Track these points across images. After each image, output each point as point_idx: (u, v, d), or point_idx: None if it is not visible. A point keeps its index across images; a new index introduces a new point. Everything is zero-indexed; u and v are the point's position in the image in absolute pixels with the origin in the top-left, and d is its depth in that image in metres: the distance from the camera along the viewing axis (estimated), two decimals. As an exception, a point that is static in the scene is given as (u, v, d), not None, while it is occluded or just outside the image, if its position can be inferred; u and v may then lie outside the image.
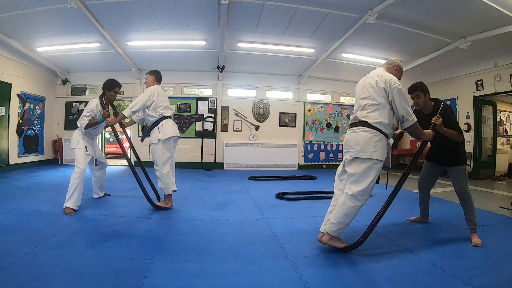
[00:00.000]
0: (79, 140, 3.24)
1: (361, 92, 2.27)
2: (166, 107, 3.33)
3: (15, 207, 3.14)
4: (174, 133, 3.29)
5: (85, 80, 7.81)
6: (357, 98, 2.31)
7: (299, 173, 6.99)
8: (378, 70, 2.30)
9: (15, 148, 6.31)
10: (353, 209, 2.10)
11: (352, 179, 2.13)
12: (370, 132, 2.10)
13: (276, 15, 4.96)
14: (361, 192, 2.08)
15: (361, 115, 2.18)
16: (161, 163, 3.23)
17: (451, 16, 4.70)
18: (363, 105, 2.20)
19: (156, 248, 2.20)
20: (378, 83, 2.15)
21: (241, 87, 8.15)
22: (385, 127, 2.12)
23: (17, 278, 1.66)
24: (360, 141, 2.11)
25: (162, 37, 5.88)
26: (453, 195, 3.11)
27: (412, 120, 2.13)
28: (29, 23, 5.17)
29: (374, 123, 2.11)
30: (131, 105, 3.19)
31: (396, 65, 2.37)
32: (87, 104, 3.32)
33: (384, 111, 2.12)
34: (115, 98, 3.48)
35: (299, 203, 3.87)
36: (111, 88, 3.39)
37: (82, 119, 3.20)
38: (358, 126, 2.18)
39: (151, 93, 3.26)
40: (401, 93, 2.11)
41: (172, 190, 3.30)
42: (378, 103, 2.13)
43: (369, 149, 2.08)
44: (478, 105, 6.57)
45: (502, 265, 2.03)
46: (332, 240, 2.17)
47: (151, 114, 3.28)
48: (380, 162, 2.11)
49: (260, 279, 1.78)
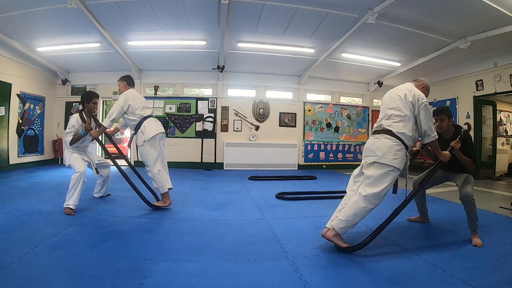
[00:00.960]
0: (70, 154, 3.29)
1: (388, 102, 2.37)
2: (144, 107, 3.36)
3: (15, 207, 3.14)
4: (158, 130, 3.31)
5: (85, 80, 7.81)
6: (383, 107, 2.41)
7: (299, 173, 6.99)
8: (407, 84, 2.41)
9: (15, 148, 6.31)
10: (363, 210, 2.15)
11: (368, 181, 2.20)
12: (393, 140, 2.20)
13: (276, 15, 4.96)
14: (374, 195, 2.14)
15: (386, 124, 2.28)
16: (152, 163, 3.24)
17: (451, 16, 4.70)
18: (389, 115, 2.30)
19: (156, 248, 2.20)
20: (407, 96, 2.25)
21: (241, 87, 8.15)
22: (407, 139, 2.21)
23: (17, 278, 1.66)
24: (382, 147, 2.20)
25: (162, 37, 5.88)
26: (453, 195, 3.11)
27: (433, 137, 2.25)
28: (29, 23, 5.17)
29: (398, 133, 2.20)
30: (108, 114, 3.25)
31: (423, 84, 2.48)
32: (69, 120, 3.35)
33: (409, 124, 2.22)
34: (95, 109, 3.51)
35: (299, 203, 3.87)
36: (89, 100, 3.40)
37: (66, 136, 3.27)
38: (382, 133, 2.26)
39: (125, 98, 3.28)
40: (427, 109, 2.22)
41: (167, 188, 3.30)
42: (404, 115, 2.23)
43: (389, 156, 2.16)
44: (478, 105, 6.57)
45: (502, 265, 2.03)
46: (336, 237, 2.19)
47: (131, 118, 3.30)
48: (397, 170, 2.19)
49: (260, 279, 1.78)
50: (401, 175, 2.28)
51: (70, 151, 3.32)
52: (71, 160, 3.25)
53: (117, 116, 3.24)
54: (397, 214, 2.29)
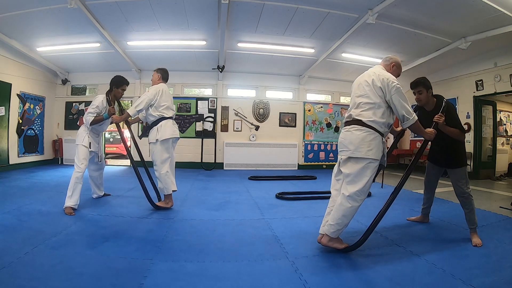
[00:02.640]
0: (84, 136, 3.23)
1: (357, 89, 2.23)
2: (168, 107, 3.31)
3: (15, 207, 3.14)
4: (173, 135, 3.27)
5: (85, 80, 7.81)
6: (352, 96, 2.27)
7: (299, 173, 6.99)
8: (375, 68, 2.26)
9: (15, 148, 6.31)
10: (351, 210, 2.08)
11: (348, 179, 2.11)
12: (365, 131, 2.07)
13: (276, 15, 4.96)
14: (357, 193, 2.06)
15: (355, 113, 2.15)
16: (160, 163, 3.22)
17: (451, 16, 4.70)
18: (357, 103, 2.17)
19: (156, 248, 2.20)
20: (375, 82, 2.11)
21: (241, 87, 8.15)
22: (379, 126, 2.09)
23: (17, 278, 1.66)
24: (354, 140, 2.09)
25: (162, 37, 5.88)
26: (453, 195, 3.11)
27: (412, 119, 2.10)
28: (29, 23, 5.17)
29: (368, 121, 2.08)
30: (136, 103, 3.17)
31: (393, 61, 2.31)
32: (93, 99, 3.30)
33: (379, 110, 2.09)
34: (122, 96, 3.47)
35: (299, 203, 3.87)
36: (118, 85, 3.37)
37: (87, 116, 3.19)
38: (352, 124, 2.15)
39: (156, 91, 3.23)
40: (400, 92, 2.07)
41: (172, 190, 3.29)
42: (373, 102, 2.10)
43: (363, 148, 2.05)
44: (478, 105, 6.56)
45: (502, 265, 2.03)
46: (332, 242, 2.16)
47: (152, 114, 3.26)
48: (375, 161, 2.08)
49: (260, 279, 1.78)
50: (381, 163, 2.16)
51: (85, 131, 3.26)
52: (79, 147, 3.18)
53: (144, 107, 3.18)
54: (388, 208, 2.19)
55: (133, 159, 3.38)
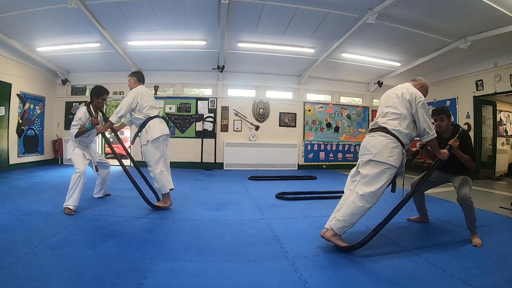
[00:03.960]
0: (73, 148, 3.27)
1: (385, 100, 2.38)
2: (152, 107, 3.33)
3: (15, 207, 3.14)
4: (162, 132, 3.28)
5: (85, 80, 7.80)
6: (380, 106, 2.42)
7: (299, 173, 6.99)
8: (406, 84, 2.41)
9: (15, 148, 6.31)
10: (361, 210, 2.14)
11: (364, 180, 2.19)
12: (388, 138, 2.19)
13: (276, 15, 4.96)
14: (371, 194, 2.13)
15: (382, 121, 2.29)
16: (153, 163, 3.24)
17: (451, 16, 4.70)
18: (385, 112, 2.32)
19: (156, 248, 2.20)
20: (404, 95, 2.25)
21: (241, 87, 8.15)
22: (403, 136, 2.20)
23: (17, 278, 1.66)
24: (377, 145, 2.20)
25: (162, 37, 5.88)
26: (453, 195, 3.11)
27: (432, 135, 2.24)
28: (29, 23, 5.17)
29: (393, 130, 2.20)
30: (117, 110, 3.22)
31: (421, 83, 2.47)
32: (76, 112, 3.34)
33: (405, 122, 2.22)
34: (103, 105, 3.51)
35: (299, 203, 3.87)
36: (98, 95, 3.38)
37: (72, 128, 3.24)
38: (377, 131, 2.26)
39: (134, 95, 3.26)
40: (425, 107, 2.22)
41: (169, 189, 3.30)
42: (399, 113, 2.23)
43: (385, 153, 2.15)
44: (478, 105, 6.56)
45: (502, 265, 2.03)
46: (335, 237, 2.19)
47: (137, 116, 3.29)
48: (393, 168, 2.18)
49: (260, 279, 1.79)
50: (398, 173, 2.27)
51: (73, 144, 3.30)
52: (73, 155, 3.22)
53: (125, 112, 3.22)
54: (395, 213, 2.27)
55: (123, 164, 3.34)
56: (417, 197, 2.95)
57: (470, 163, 2.55)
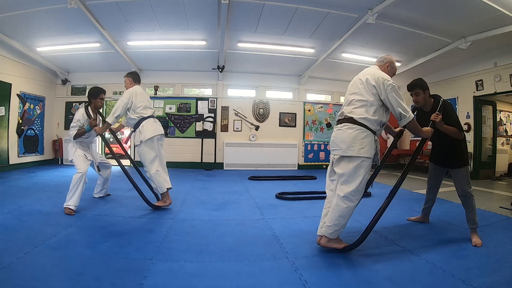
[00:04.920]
0: (74, 150, 3.28)
1: (350, 87, 2.24)
2: (146, 107, 3.34)
3: (15, 207, 3.14)
4: (155, 133, 3.28)
5: (85, 80, 7.80)
6: (346, 94, 2.29)
7: (299, 173, 6.98)
8: (370, 68, 2.27)
9: (15, 148, 6.31)
10: (347, 210, 2.07)
11: (342, 179, 2.10)
12: (356, 129, 2.06)
13: (276, 15, 4.96)
14: (352, 193, 2.06)
15: (347, 111, 2.15)
16: (149, 163, 3.25)
17: (451, 16, 4.70)
18: (350, 100, 2.17)
19: (156, 248, 2.20)
20: (369, 80, 2.11)
21: (241, 87, 8.15)
22: (371, 123, 2.07)
23: (17, 278, 1.66)
24: (346, 138, 2.07)
25: (162, 37, 5.88)
26: (453, 195, 3.11)
27: (409, 117, 2.08)
28: (29, 23, 5.17)
29: (360, 119, 2.07)
30: (113, 111, 3.24)
31: (388, 61, 2.31)
32: (75, 114, 3.36)
33: (371, 108, 2.08)
34: (102, 105, 3.53)
35: (299, 203, 3.87)
36: (96, 96, 3.40)
37: (70, 130, 3.27)
38: (344, 123, 2.14)
39: (129, 94, 3.28)
40: (395, 90, 2.06)
41: (166, 188, 3.30)
42: (365, 100, 2.09)
43: (355, 146, 2.04)
44: (478, 105, 6.56)
45: (502, 265, 2.03)
46: (331, 242, 2.16)
47: (132, 117, 3.30)
48: (368, 159, 2.07)
49: (260, 279, 1.78)
50: (373, 162, 2.15)
51: (74, 146, 3.31)
52: (74, 157, 3.23)
53: (121, 113, 3.24)
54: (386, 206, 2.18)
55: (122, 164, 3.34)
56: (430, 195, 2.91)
57: (458, 134, 2.44)
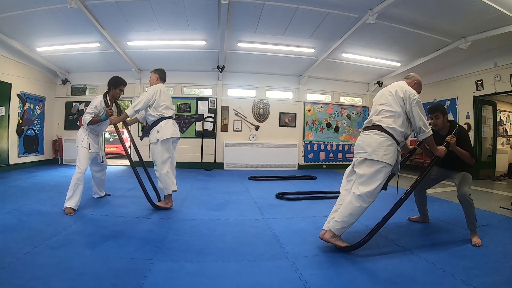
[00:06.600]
0: (83, 138, 3.23)
1: (379, 98, 2.38)
2: (167, 107, 3.31)
3: (15, 207, 3.14)
4: (173, 134, 3.27)
5: (85, 80, 7.81)
6: (374, 104, 2.41)
7: (299, 173, 6.99)
8: (399, 82, 2.40)
9: (15, 148, 6.31)
10: (359, 210, 2.14)
11: (361, 180, 2.18)
12: (383, 136, 2.18)
13: (276, 15, 4.96)
14: (368, 194, 2.13)
15: (376, 119, 2.28)
16: (160, 163, 3.22)
17: (451, 16, 4.70)
18: (379, 110, 2.30)
19: (156, 248, 2.20)
20: (398, 92, 2.25)
21: (241, 87, 8.15)
22: (397, 134, 2.20)
23: (17, 278, 1.66)
24: (372, 143, 2.19)
25: (162, 37, 5.88)
26: (453, 195, 3.11)
27: (428, 133, 2.23)
28: (29, 23, 5.17)
29: (388, 128, 2.19)
30: (134, 103, 3.19)
31: (415, 79, 2.47)
32: (92, 100, 3.32)
33: (399, 119, 2.21)
34: (120, 96, 3.48)
35: (299, 203, 3.87)
36: (116, 86, 3.37)
37: (85, 116, 3.21)
38: (372, 129, 2.25)
39: (154, 91, 3.24)
40: (420, 105, 2.20)
41: (172, 190, 3.29)
42: (394, 111, 2.22)
43: (380, 152, 2.15)
44: (478, 105, 6.56)
45: (502, 265, 2.03)
46: (334, 238, 2.19)
47: (152, 114, 3.27)
48: (389, 166, 2.17)
49: (260, 279, 1.78)
50: (393, 171, 2.27)
51: (84, 132, 3.27)
52: (80, 148, 3.19)
53: (142, 107, 3.19)
54: (394, 212, 2.27)
55: (132, 160, 3.37)
56: (418, 197, 2.94)
57: (469, 159, 2.55)
